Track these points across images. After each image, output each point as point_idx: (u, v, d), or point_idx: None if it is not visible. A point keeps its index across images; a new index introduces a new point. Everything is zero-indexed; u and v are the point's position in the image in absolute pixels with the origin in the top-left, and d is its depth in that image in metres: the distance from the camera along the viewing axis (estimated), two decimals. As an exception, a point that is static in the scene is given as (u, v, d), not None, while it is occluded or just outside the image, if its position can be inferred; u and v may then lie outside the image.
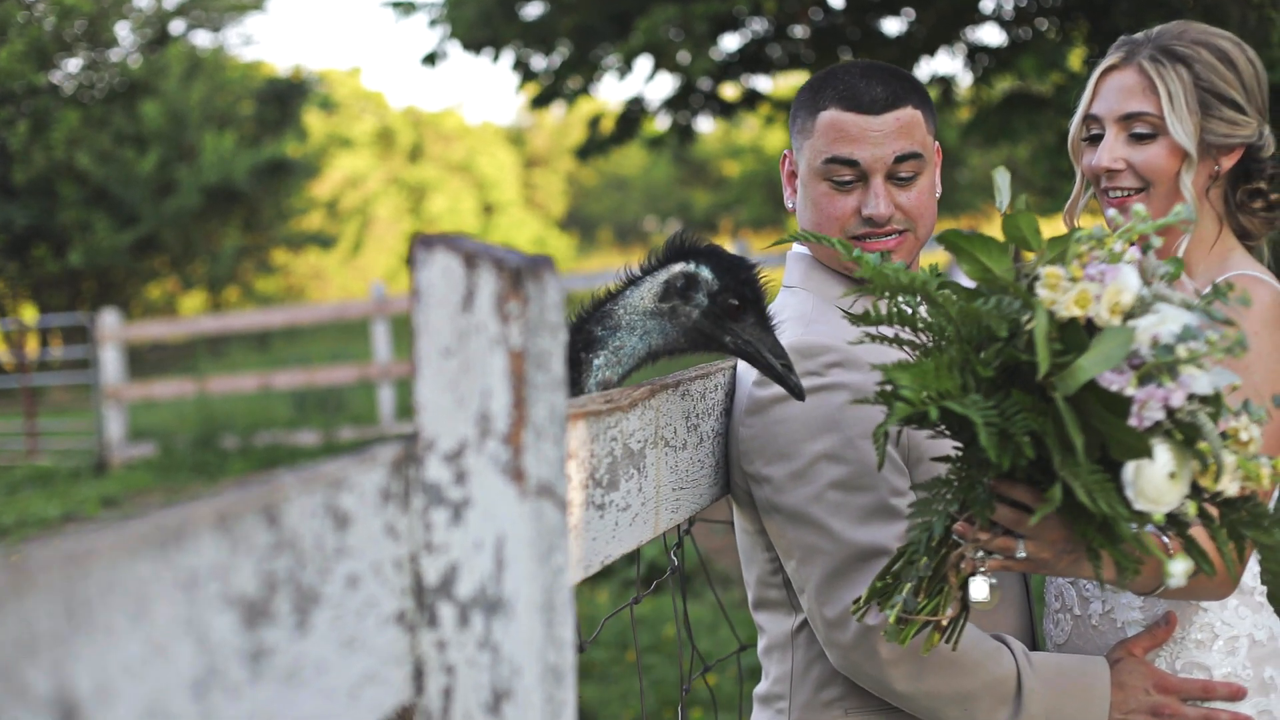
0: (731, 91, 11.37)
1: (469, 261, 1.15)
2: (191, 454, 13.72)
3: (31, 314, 24.84)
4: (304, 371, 15.04)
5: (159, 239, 25.78)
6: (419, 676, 1.17)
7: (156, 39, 26.66)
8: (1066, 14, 9.47)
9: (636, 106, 10.97)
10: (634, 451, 1.78)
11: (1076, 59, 9.23)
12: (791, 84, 11.86)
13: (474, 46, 10.69)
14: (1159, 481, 1.56)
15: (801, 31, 10.40)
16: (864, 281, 1.83)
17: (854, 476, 2.13)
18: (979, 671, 2.09)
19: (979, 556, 1.80)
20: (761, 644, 2.37)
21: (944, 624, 1.85)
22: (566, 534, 1.23)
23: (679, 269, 2.02)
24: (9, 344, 18.90)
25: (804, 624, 2.26)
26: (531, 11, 10.63)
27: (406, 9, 10.80)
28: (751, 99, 11.15)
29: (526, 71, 10.96)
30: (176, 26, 27.01)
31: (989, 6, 9.96)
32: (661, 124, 11.43)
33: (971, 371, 1.66)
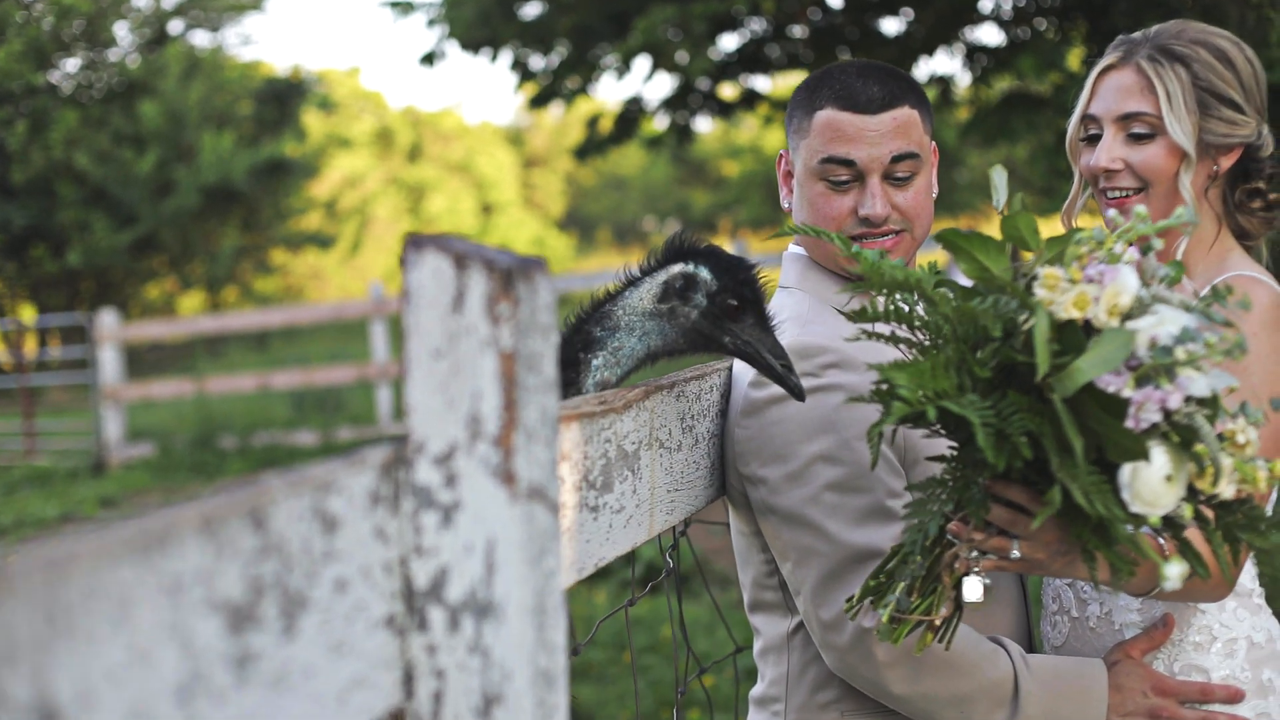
0: (730, 91, 11.36)
1: (459, 262, 1.14)
2: (190, 454, 13.71)
3: (30, 314, 24.84)
4: (302, 372, 15.04)
5: (157, 239, 25.77)
6: (409, 681, 1.16)
7: (155, 39, 26.65)
8: (1065, 14, 9.46)
9: (635, 106, 10.96)
10: (628, 453, 1.77)
11: (1075, 59, 9.22)
12: (790, 84, 11.84)
13: (472, 46, 10.68)
14: (1155, 484, 1.55)
15: (800, 31, 10.40)
16: (860, 279, 1.82)
17: (850, 478, 2.12)
18: (975, 674, 2.08)
19: (973, 556, 1.79)
20: (757, 646, 2.36)
21: (937, 624, 1.84)
22: (558, 537, 1.22)
23: (678, 270, 2.01)
24: (7, 344, 18.90)
25: (800, 626, 2.25)
26: (530, 11, 10.62)
27: (404, 9, 10.79)
28: (750, 99, 11.14)
29: (525, 71, 10.95)
30: (175, 26, 27.00)
31: (987, 6, 9.95)
32: (660, 124, 11.42)
33: (968, 371, 1.65)
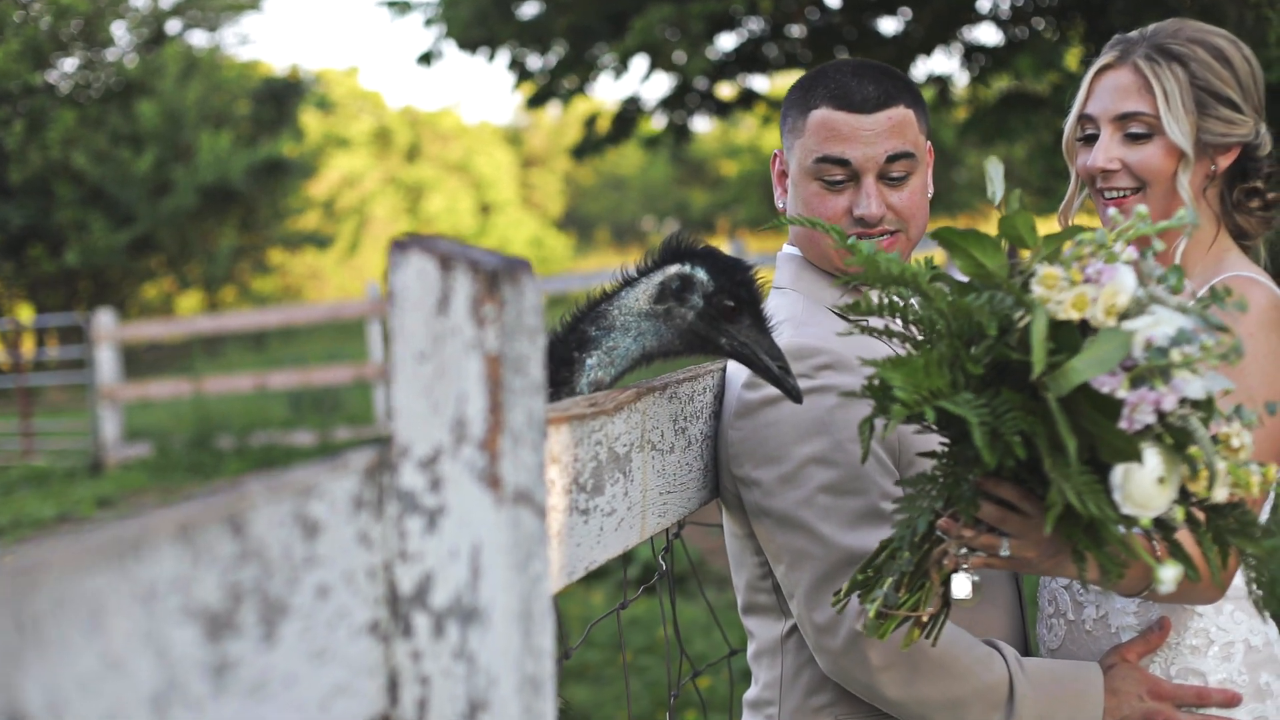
0: (728, 91, 11.35)
1: (444, 264, 1.12)
2: (187, 454, 13.69)
3: (27, 314, 24.81)
4: (300, 371, 15.02)
5: (155, 239, 25.76)
6: (393, 688, 1.14)
7: (153, 39, 26.63)
8: (1063, 13, 9.44)
9: (633, 106, 10.95)
10: (619, 455, 1.76)
11: (1073, 58, 9.22)
12: (788, 84, 11.83)
13: (469, 46, 10.67)
14: (1147, 486, 1.53)
15: (798, 31, 10.38)
16: (855, 278, 1.81)
17: (844, 480, 2.10)
18: (970, 677, 2.07)
19: (962, 553, 1.78)
20: (751, 649, 2.34)
21: (924, 620, 1.82)
22: (545, 541, 1.21)
23: (674, 270, 1.99)
24: (5, 344, 18.88)
25: (793, 629, 2.23)
26: (527, 11, 10.60)
27: (401, 8, 10.77)
28: (748, 99, 11.13)
29: (522, 71, 10.94)
30: (173, 26, 26.99)
31: (986, 6, 9.94)
32: (658, 123, 11.40)
33: (961, 368, 1.64)
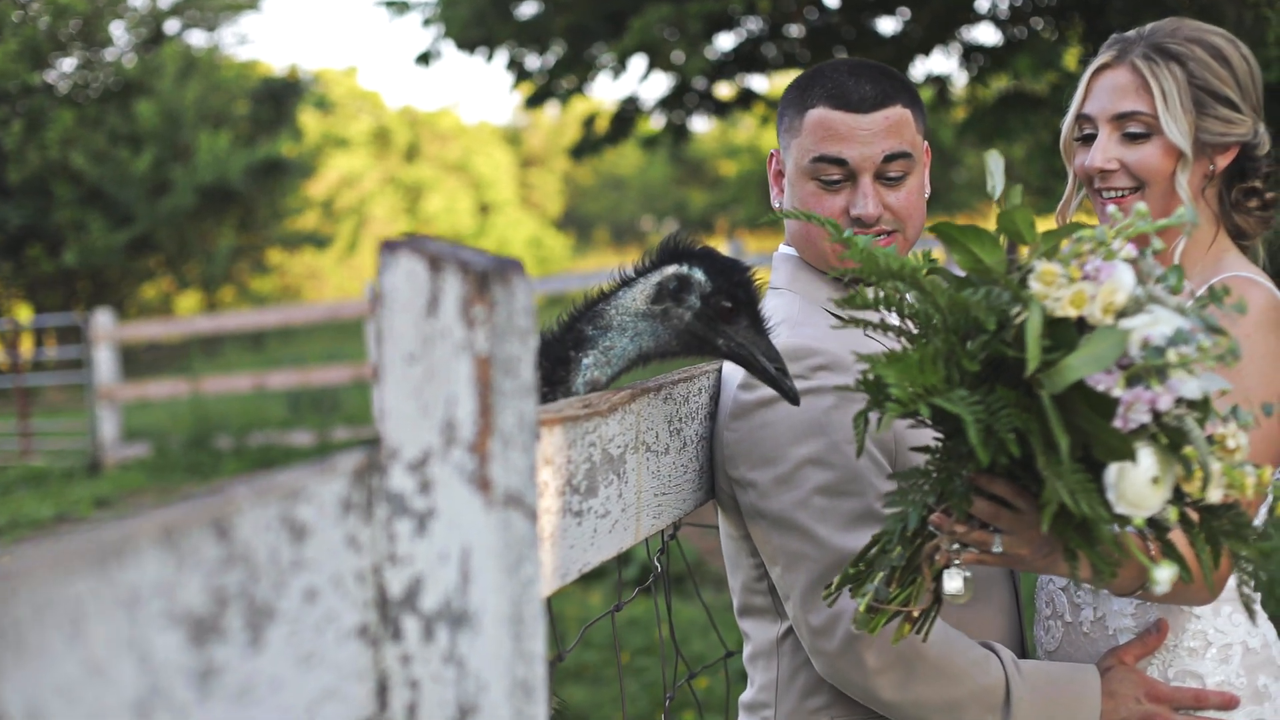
0: (726, 91, 11.34)
1: (434, 265, 1.11)
2: (185, 454, 13.67)
3: (26, 314, 24.80)
4: (298, 372, 14.99)
5: (154, 239, 25.74)
6: (383, 692, 1.13)
7: (151, 38, 26.61)
8: (1062, 13, 9.44)
9: (631, 106, 10.94)
10: (613, 457, 1.75)
11: (1072, 58, 9.20)
12: (786, 84, 11.83)
13: (468, 46, 10.66)
14: (1141, 485, 1.52)
15: (796, 31, 10.38)
16: (851, 280, 1.80)
17: (840, 481, 2.09)
18: (966, 680, 2.06)
19: (954, 549, 1.77)
20: (747, 651, 2.33)
21: (915, 615, 1.81)
22: (536, 544, 1.20)
23: (671, 271, 1.98)
24: (3, 344, 18.85)
25: (789, 631, 2.22)
26: (525, 11, 10.59)
27: (400, 8, 10.77)
28: (747, 98, 11.12)
29: (520, 71, 10.93)
30: (171, 26, 26.97)
31: (984, 6, 9.93)
32: (656, 123, 11.39)
33: (956, 364, 1.63)
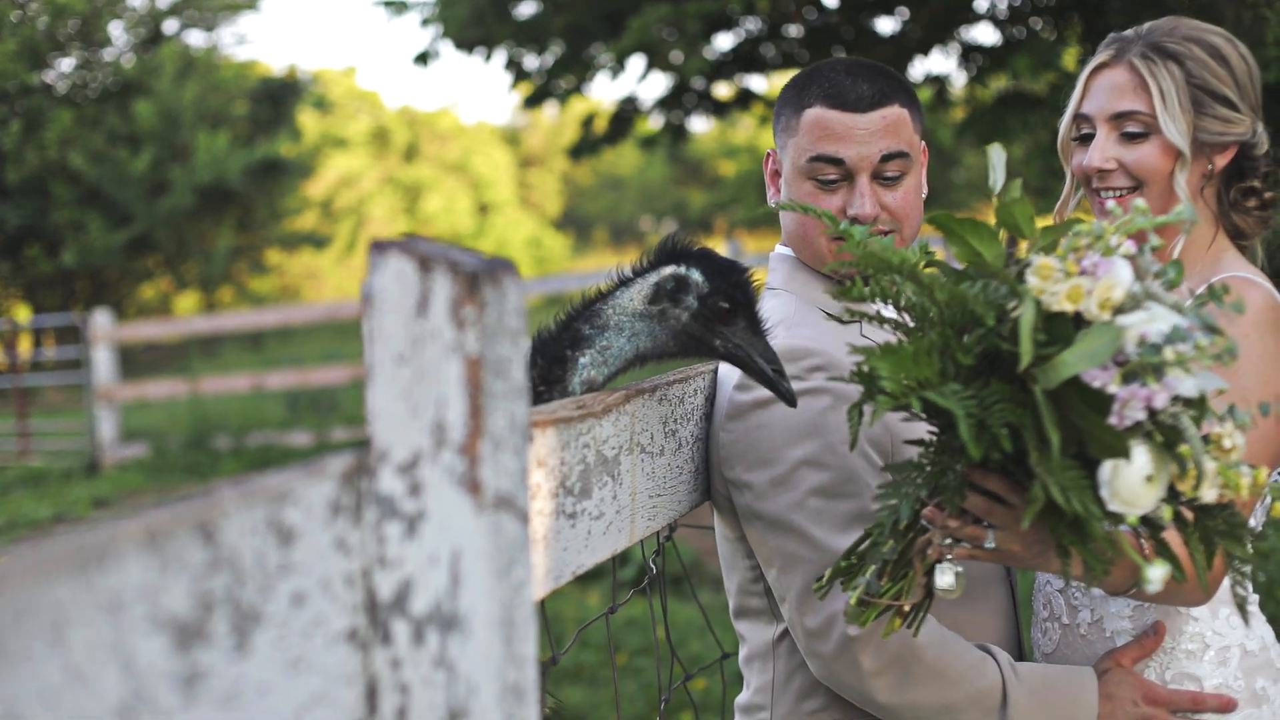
0: (725, 91, 11.34)
1: (423, 265, 1.10)
2: (184, 455, 13.66)
3: (24, 314, 24.81)
4: (297, 372, 14.99)
5: (152, 239, 25.73)
6: (372, 696, 1.12)
7: (150, 38, 26.60)
8: (1060, 13, 9.44)
9: (630, 106, 10.94)
10: (608, 458, 1.74)
11: (1071, 58, 9.20)
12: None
13: (466, 46, 10.66)
14: (1135, 483, 1.51)
15: (795, 31, 10.38)
16: (847, 279, 1.79)
17: (836, 483, 2.08)
18: (963, 683, 2.05)
19: (946, 544, 1.76)
20: (743, 653, 2.32)
21: (906, 609, 1.80)
22: (528, 547, 1.18)
23: (669, 271, 1.97)
24: (2, 344, 18.84)
25: (785, 633, 2.21)
26: (524, 10, 10.60)
27: (398, 8, 10.77)
28: (745, 98, 11.12)
29: (519, 71, 10.93)
30: (170, 26, 26.96)
31: (983, 6, 9.93)
32: (655, 123, 11.39)
33: (951, 357, 1.62)
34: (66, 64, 25.88)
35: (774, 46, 10.50)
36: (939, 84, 10.75)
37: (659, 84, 12.87)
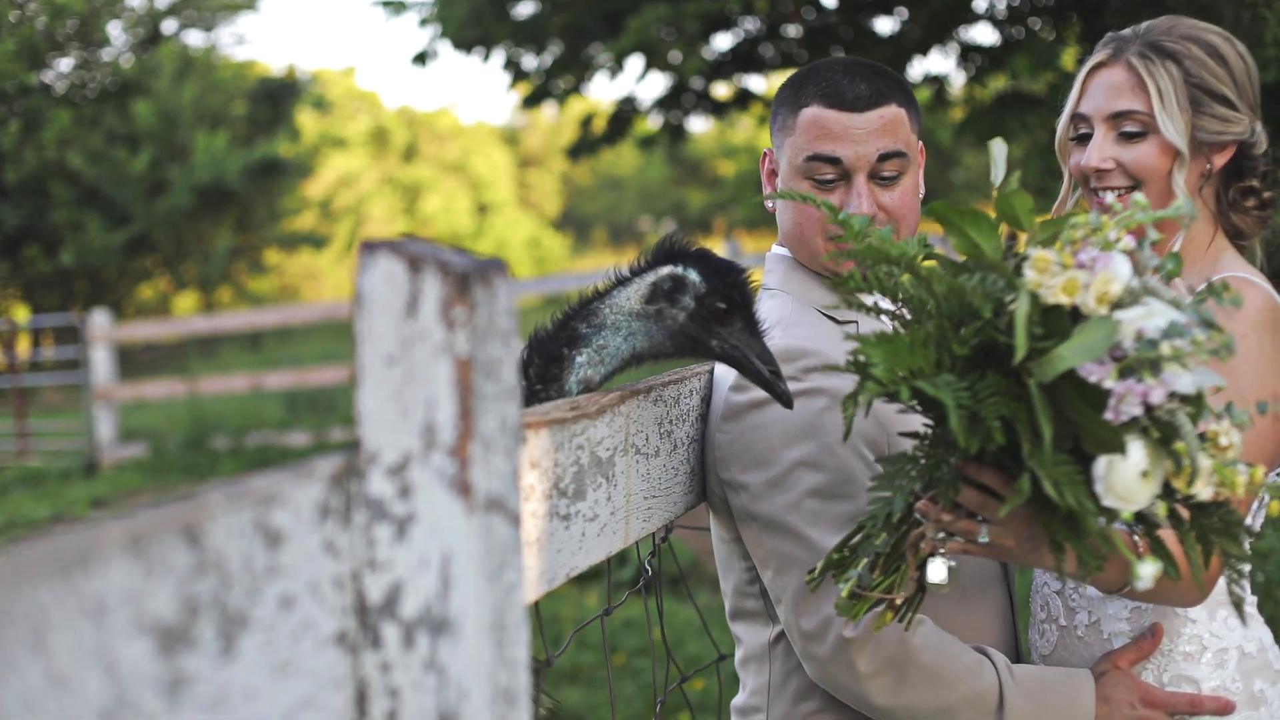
0: (724, 91, 11.33)
1: (413, 265, 1.09)
2: (182, 455, 13.65)
3: (23, 314, 24.80)
4: (296, 372, 14.97)
5: (151, 239, 25.72)
6: (362, 700, 1.11)
7: (149, 38, 26.59)
8: (1059, 13, 9.43)
9: (628, 106, 10.94)
10: (602, 460, 1.73)
11: (1069, 58, 9.19)
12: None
13: (464, 46, 10.65)
14: (1130, 479, 1.50)
15: (794, 31, 10.37)
16: (845, 275, 1.78)
17: (832, 484, 2.07)
18: (959, 685, 2.04)
19: (939, 538, 1.74)
20: (739, 655, 2.31)
21: (898, 603, 1.79)
22: (519, 549, 1.18)
23: (666, 271, 1.97)
24: (0, 344, 18.83)
25: (782, 635, 2.20)
26: (522, 10, 10.59)
27: (396, 8, 10.76)
28: (744, 98, 11.12)
29: (517, 71, 10.92)
30: (169, 26, 26.95)
31: (982, 6, 9.92)
32: (654, 123, 11.38)
33: (947, 348, 1.61)
34: (65, 64, 25.88)
35: (773, 46, 10.49)
36: (938, 84, 10.75)
37: (658, 84, 12.85)
